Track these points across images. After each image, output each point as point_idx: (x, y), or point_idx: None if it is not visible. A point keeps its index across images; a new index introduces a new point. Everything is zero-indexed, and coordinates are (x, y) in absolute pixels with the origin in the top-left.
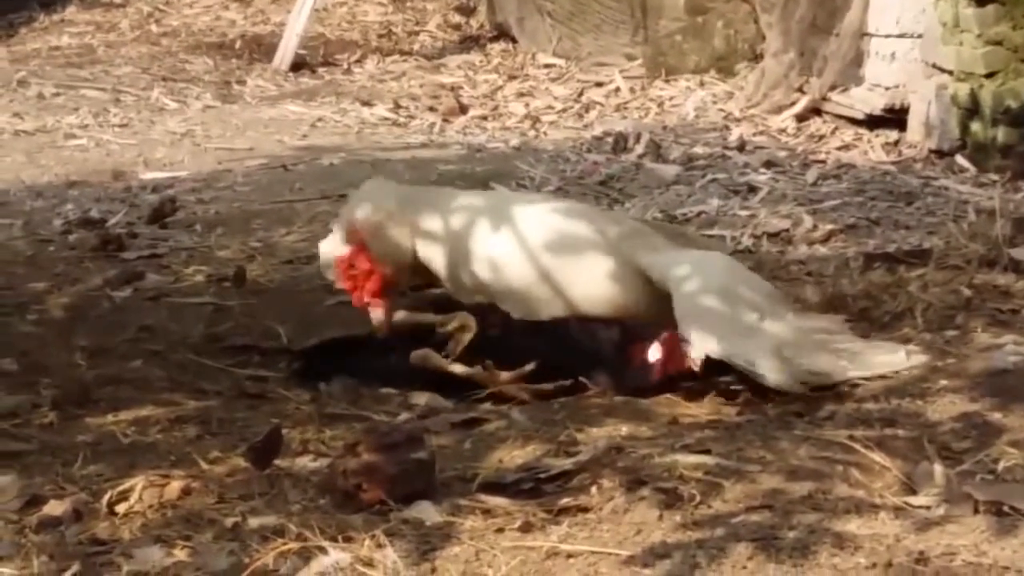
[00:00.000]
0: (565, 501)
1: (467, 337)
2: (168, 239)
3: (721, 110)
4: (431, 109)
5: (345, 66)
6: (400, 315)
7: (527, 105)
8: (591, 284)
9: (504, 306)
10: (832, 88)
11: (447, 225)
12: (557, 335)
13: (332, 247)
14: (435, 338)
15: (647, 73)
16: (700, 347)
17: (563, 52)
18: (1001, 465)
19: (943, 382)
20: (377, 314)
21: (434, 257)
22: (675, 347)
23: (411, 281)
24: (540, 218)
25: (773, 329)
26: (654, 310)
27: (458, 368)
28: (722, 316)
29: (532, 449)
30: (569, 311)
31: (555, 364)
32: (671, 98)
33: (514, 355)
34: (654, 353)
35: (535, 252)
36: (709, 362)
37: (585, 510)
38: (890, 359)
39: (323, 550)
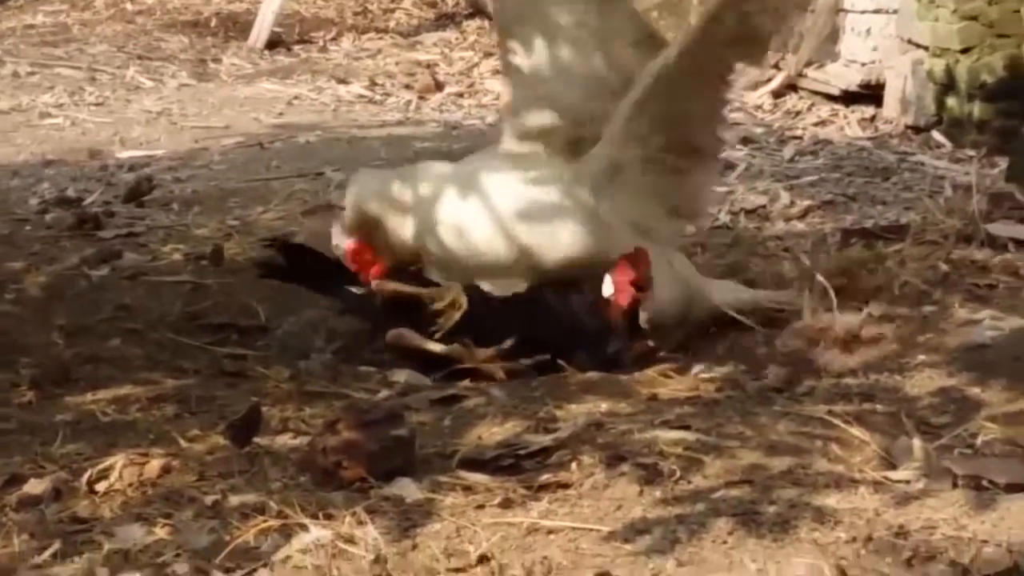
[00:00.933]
0: (545, 477)
1: (457, 314)
2: (145, 218)
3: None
4: (407, 87)
5: (321, 44)
6: (390, 286)
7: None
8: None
9: (480, 280)
10: (808, 64)
11: (420, 202)
12: (534, 308)
13: (340, 239)
14: (425, 311)
15: None
16: None
17: None
18: (979, 439)
19: (921, 357)
20: (383, 287)
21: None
22: (626, 273)
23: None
24: (507, 184)
25: None
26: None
27: (435, 346)
28: None
29: (512, 426)
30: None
31: (534, 339)
32: None
33: (493, 331)
34: (607, 288)
35: (504, 217)
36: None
37: (565, 486)
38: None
39: (304, 527)
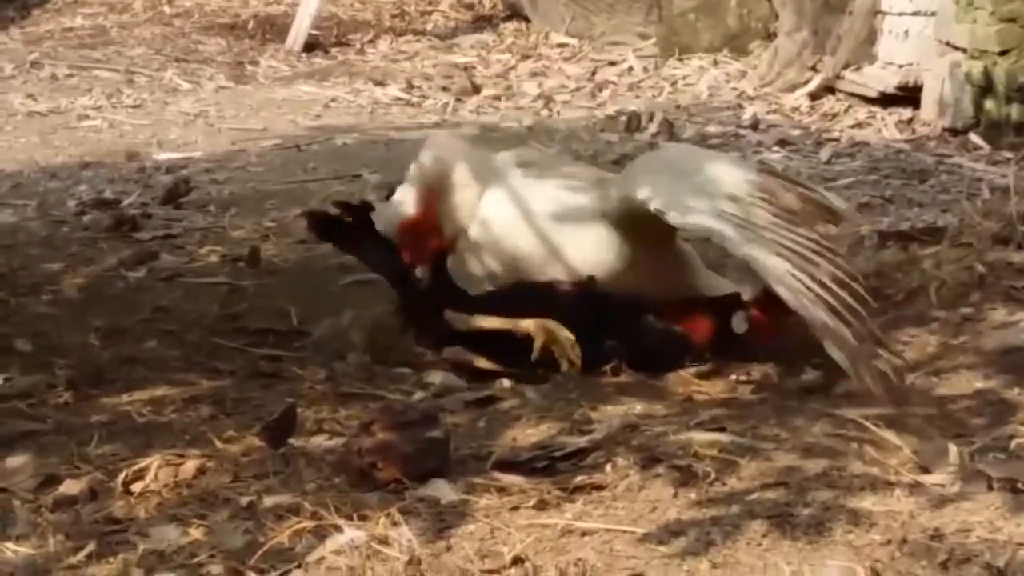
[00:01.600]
0: (580, 479)
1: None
2: (182, 219)
3: (734, 89)
4: (444, 89)
5: (358, 46)
6: (481, 320)
7: (540, 85)
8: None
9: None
10: (845, 66)
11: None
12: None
13: (399, 206)
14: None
15: (660, 52)
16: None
17: (576, 31)
18: (1015, 442)
19: (957, 359)
20: (424, 272)
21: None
22: (765, 314)
23: None
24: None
25: None
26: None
27: (483, 363)
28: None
29: (546, 427)
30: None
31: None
32: (684, 77)
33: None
34: (739, 325)
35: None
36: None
37: (600, 488)
38: None
39: (338, 528)
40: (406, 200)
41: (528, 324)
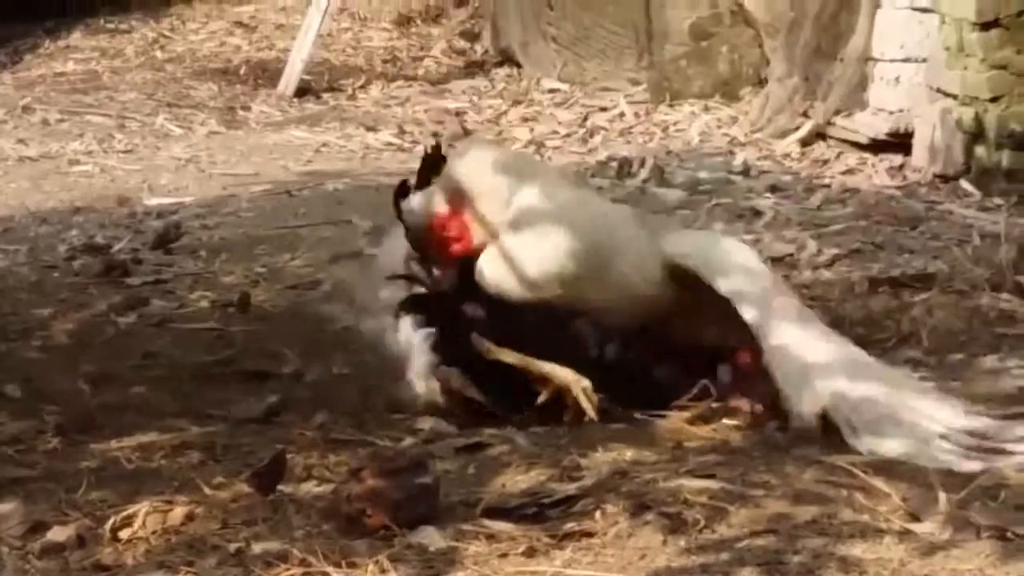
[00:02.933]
0: (569, 526)
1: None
2: (173, 265)
3: (726, 135)
4: (435, 134)
5: (350, 91)
6: (503, 355)
7: (531, 130)
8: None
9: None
10: (836, 113)
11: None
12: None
13: (428, 204)
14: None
15: (651, 98)
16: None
17: (567, 77)
18: (1005, 490)
19: None
20: (448, 276)
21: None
22: (750, 373)
23: None
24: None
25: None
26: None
27: (473, 392)
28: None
29: (536, 474)
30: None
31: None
32: (675, 123)
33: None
34: (724, 374)
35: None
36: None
37: (589, 535)
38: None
39: (327, 575)
40: (437, 200)
41: (548, 369)
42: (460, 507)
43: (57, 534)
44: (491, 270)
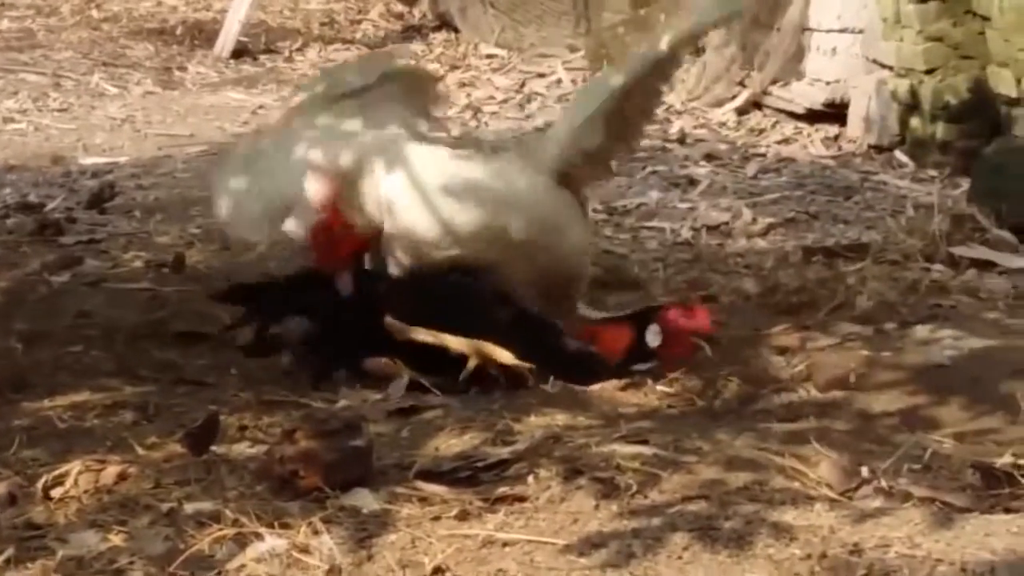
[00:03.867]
0: (502, 490)
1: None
2: (107, 224)
3: (662, 103)
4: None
5: (287, 54)
6: (419, 332)
7: (469, 95)
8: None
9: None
10: (773, 82)
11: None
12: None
13: (303, 218)
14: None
15: (589, 65)
16: None
17: (505, 43)
18: (936, 459)
19: (881, 375)
20: (344, 282)
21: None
22: (678, 325)
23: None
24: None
25: None
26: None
27: (406, 373)
28: None
29: (469, 438)
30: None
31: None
32: None
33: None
34: (653, 339)
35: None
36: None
37: (522, 499)
38: None
39: (259, 536)
40: (312, 201)
41: (462, 344)
42: (393, 470)
43: None
44: (398, 247)
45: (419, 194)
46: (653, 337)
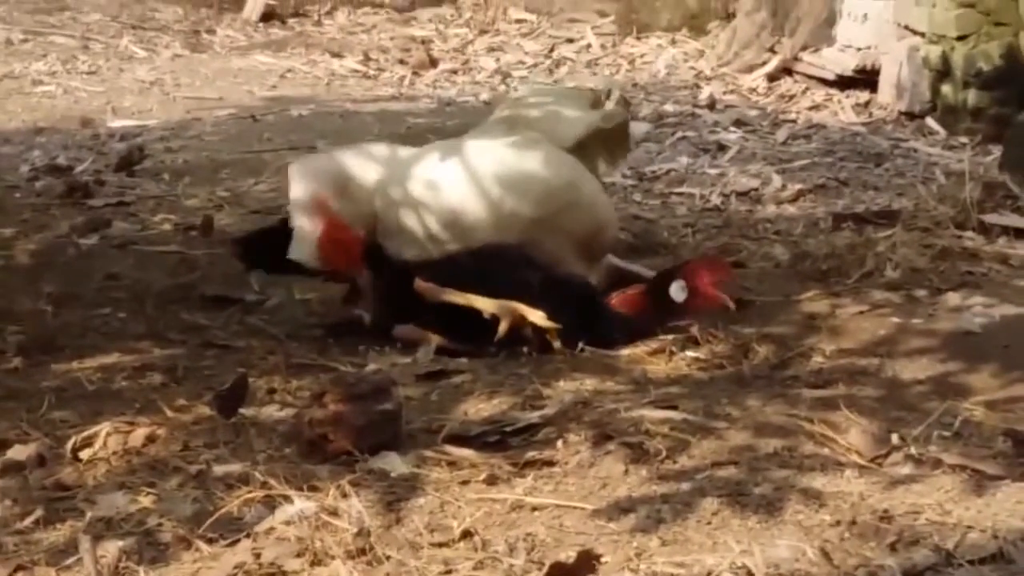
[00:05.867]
0: (531, 454)
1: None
2: (136, 187)
3: (692, 68)
4: (401, 62)
5: (315, 18)
6: (451, 294)
7: (498, 60)
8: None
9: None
10: (804, 48)
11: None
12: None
13: (305, 233)
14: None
15: (619, 30)
16: None
17: (534, 7)
18: (967, 425)
19: (911, 342)
20: (364, 279)
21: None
22: (704, 277)
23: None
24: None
25: None
26: None
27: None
28: None
29: (498, 402)
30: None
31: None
32: (642, 55)
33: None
34: (679, 293)
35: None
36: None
37: (551, 463)
38: None
39: (288, 499)
40: (306, 223)
41: (492, 305)
42: (422, 434)
43: (18, 453)
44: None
45: (470, 180)
46: (678, 292)
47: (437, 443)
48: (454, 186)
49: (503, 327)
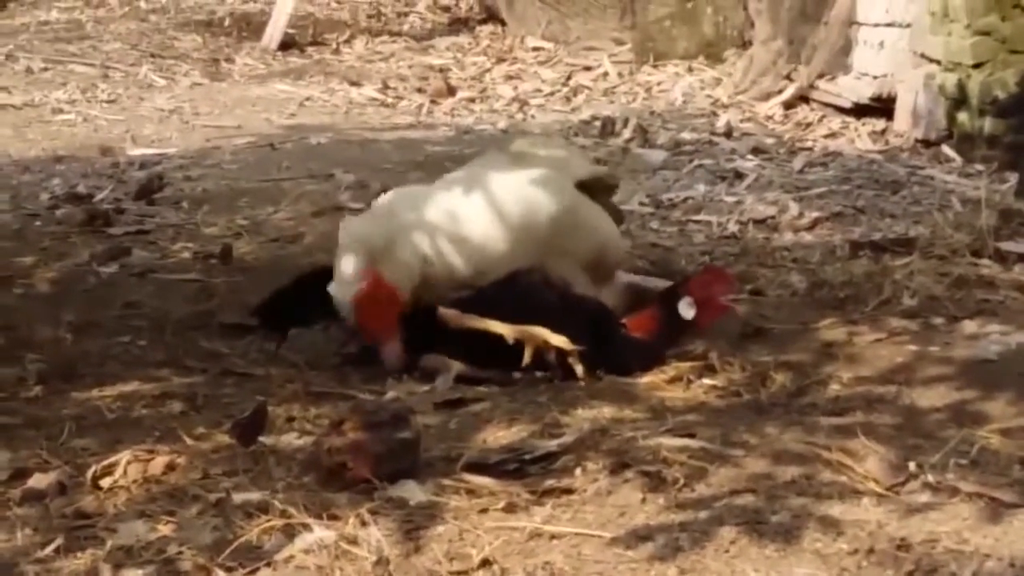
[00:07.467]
0: (549, 482)
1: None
2: (155, 215)
3: (709, 96)
4: (419, 90)
5: (334, 46)
6: (473, 320)
7: (515, 88)
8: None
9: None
10: (820, 76)
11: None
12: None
13: (345, 286)
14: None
15: (635, 58)
16: None
17: (552, 35)
18: (984, 454)
19: (928, 370)
20: (394, 349)
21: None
22: (710, 290)
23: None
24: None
25: None
26: None
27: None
28: None
29: (517, 430)
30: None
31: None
32: (659, 83)
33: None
34: (687, 310)
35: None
36: None
37: (569, 492)
38: None
39: (307, 527)
40: (351, 275)
41: (515, 331)
42: (441, 462)
43: (38, 481)
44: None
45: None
46: (687, 309)
47: (456, 471)
48: (477, 225)
49: (528, 353)
